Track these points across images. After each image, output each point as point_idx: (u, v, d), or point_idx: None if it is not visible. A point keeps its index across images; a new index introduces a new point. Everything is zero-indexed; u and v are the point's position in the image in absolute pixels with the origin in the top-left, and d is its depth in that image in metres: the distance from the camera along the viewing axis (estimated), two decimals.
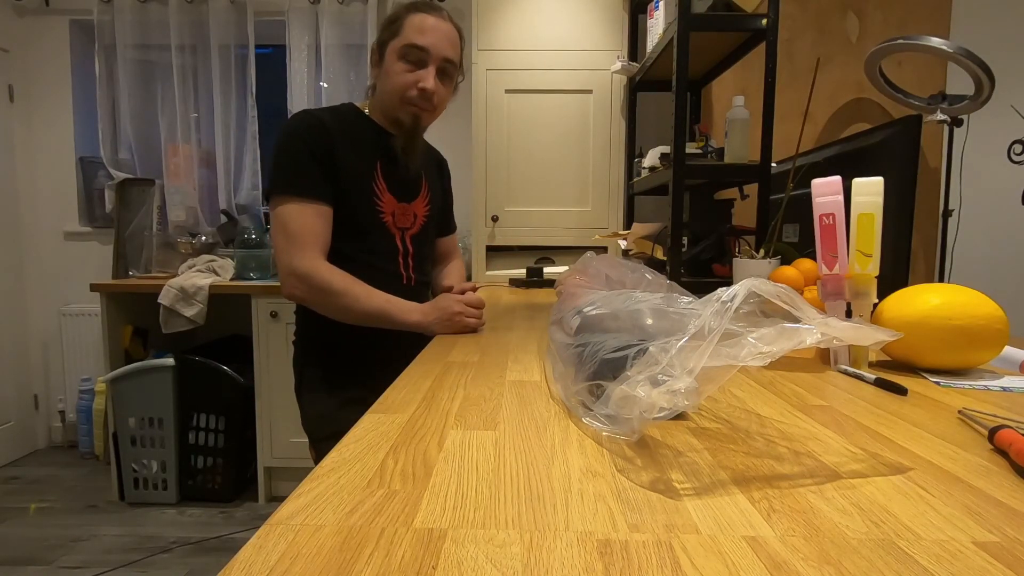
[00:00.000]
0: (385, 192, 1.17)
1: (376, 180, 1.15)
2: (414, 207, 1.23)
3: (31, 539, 2.08)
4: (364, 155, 1.14)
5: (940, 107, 1.62)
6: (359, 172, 1.13)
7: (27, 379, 2.87)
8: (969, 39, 1.67)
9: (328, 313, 1.11)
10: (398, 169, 1.18)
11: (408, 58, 1.09)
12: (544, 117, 2.30)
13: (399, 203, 1.19)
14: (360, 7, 2.69)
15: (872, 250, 0.72)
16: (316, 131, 1.09)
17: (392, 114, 1.15)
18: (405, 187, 1.21)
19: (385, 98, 1.14)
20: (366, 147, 1.15)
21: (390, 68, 1.11)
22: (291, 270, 1.07)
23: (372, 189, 1.15)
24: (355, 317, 1.10)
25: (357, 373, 1.18)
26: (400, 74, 1.10)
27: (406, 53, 1.09)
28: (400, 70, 1.10)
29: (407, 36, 1.09)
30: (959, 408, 0.58)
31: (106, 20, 2.72)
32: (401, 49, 1.09)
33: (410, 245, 1.22)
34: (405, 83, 1.10)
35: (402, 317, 1.09)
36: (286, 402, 2.32)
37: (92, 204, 2.93)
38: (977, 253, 1.85)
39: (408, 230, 1.22)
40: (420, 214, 1.24)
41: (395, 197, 1.19)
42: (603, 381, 0.53)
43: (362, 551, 0.32)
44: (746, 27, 1.48)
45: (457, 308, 1.06)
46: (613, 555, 0.32)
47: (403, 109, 1.13)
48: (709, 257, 1.57)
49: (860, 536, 0.34)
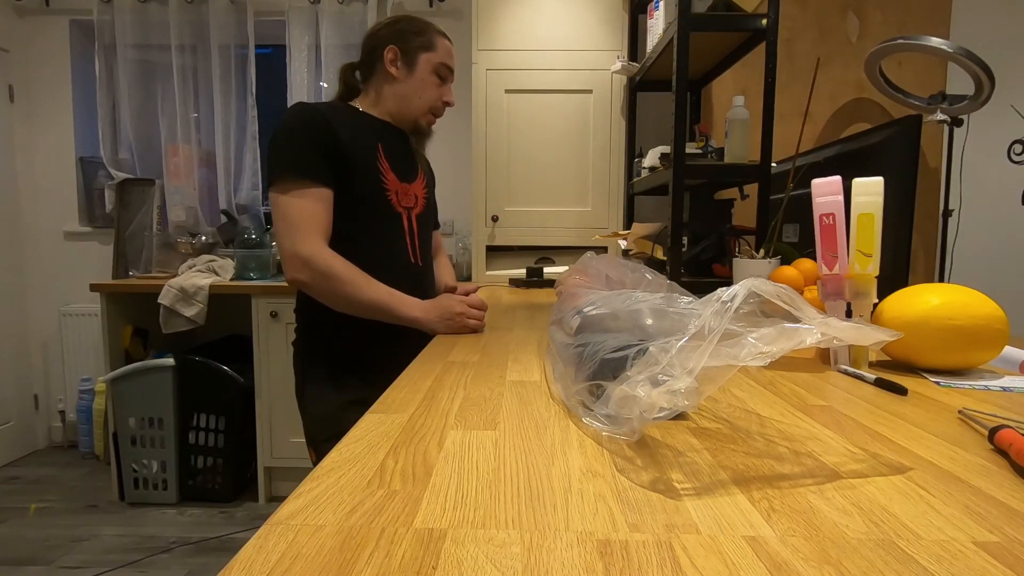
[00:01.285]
0: (388, 171, 1.19)
1: (379, 158, 1.18)
2: (414, 188, 1.26)
3: (31, 539, 2.08)
4: (365, 136, 1.17)
5: (940, 107, 1.62)
6: (362, 149, 1.15)
7: (27, 379, 2.87)
8: (969, 39, 1.67)
9: (329, 301, 1.11)
10: (398, 151, 1.23)
11: (439, 74, 1.22)
12: (544, 117, 2.30)
13: (401, 183, 1.22)
14: (360, 7, 2.69)
15: (872, 250, 0.72)
16: (316, 118, 1.11)
17: (413, 118, 1.23)
18: (406, 169, 1.24)
19: (413, 103, 1.22)
20: (366, 131, 1.18)
21: (426, 79, 1.21)
22: (294, 253, 1.07)
23: (376, 167, 1.17)
24: (356, 307, 1.10)
25: (361, 371, 1.18)
26: (434, 87, 1.22)
27: (439, 70, 1.22)
28: (434, 83, 1.22)
29: (442, 55, 1.22)
30: (959, 408, 0.58)
31: (106, 20, 2.72)
32: (437, 65, 1.22)
33: (415, 225, 1.24)
34: (437, 96, 1.23)
35: (403, 311, 1.09)
36: (286, 402, 2.32)
37: (92, 204, 2.93)
38: (977, 253, 1.85)
39: (412, 209, 1.24)
40: (420, 195, 1.27)
41: (397, 176, 1.21)
42: (603, 381, 0.53)
43: (362, 551, 0.32)
44: (746, 27, 1.48)
45: (459, 308, 1.07)
46: (613, 555, 0.32)
47: (426, 117, 1.24)
48: (709, 257, 1.57)
49: (860, 536, 0.34)
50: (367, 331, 1.13)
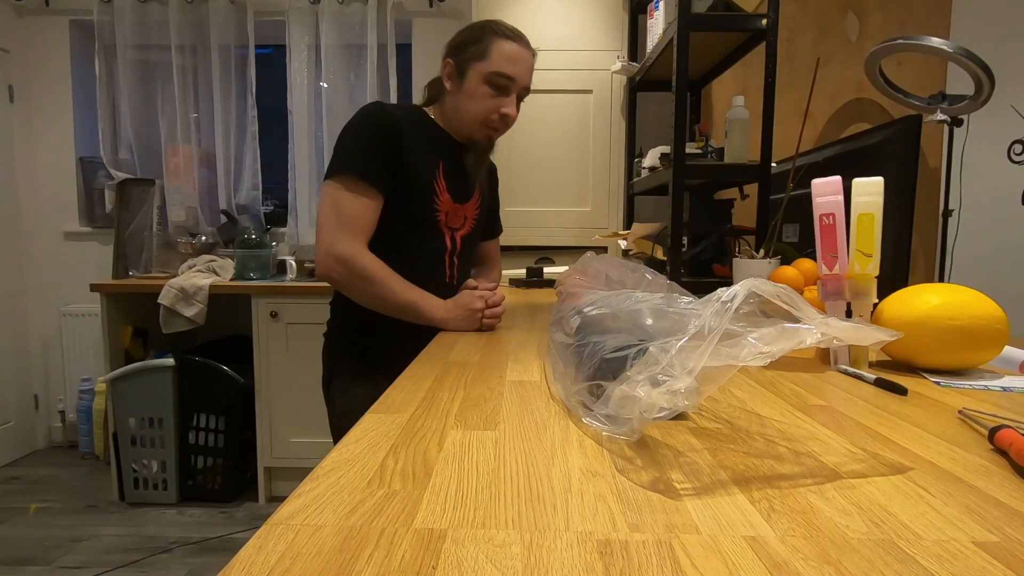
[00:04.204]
0: (444, 191, 1.18)
1: (437, 179, 1.17)
2: (466, 209, 1.25)
3: (31, 539, 2.08)
4: (429, 152, 1.16)
5: (940, 107, 1.62)
6: (423, 167, 1.15)
7: (27, 379, 2.87)
8: (969, 39, 1.67)
9: (358, 299, 1.12)
10: (458, 172, 1.21)
11: (493, 84, 1.13)
12: (544, 117, 2.30)
13: (454, 203, 1.21)
14: (360, 7, 2.69)
15: (872, 250, 0.72)
16: (387, 121, 1.10)
17: (467, 132, 1.18)
18: (462, 190, 1.22)
19: (463, 116, 1.17)
20: (431, 146, 1.17)
21: (475, 90, 1.14)
22: (332, 251, 1.07)
23: (433, 187, 1.16)
24: (384, 307, 1.10)
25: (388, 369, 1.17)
26: (485, 98, 1.14)
27: (492, 79, 1.12)
28: (485, 94, 1.13)
29: (495, 63, 1.12)
30: (959, 408, 0.58)
31: (106, 20, 2.72)
32: (488, 75, 1.12)
33: (459, 245, 1.24)
34: (489, 108, 1.14)
35: (429, 313, 1.10)
36: (286, 402, 2.32)
37: (92, 204, 2.93)
38: (977, 253, 1.85)
39: (458, 230, 1.24)
40: (471, 217, 1.26)
41: (451, 197, 1.20)
42: (603, 381, 0.53)
43: (362, 551, 0.32)
44: (746, 27, 1.48)
45: (478, 305, 1.07)
46: (613, 555, 0.32)
47: (481, 131, 1.17)
48: (709, 257, 1.57)
49: (860, 536, 0.34)
50: (398, 330, 1.14)
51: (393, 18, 2.70)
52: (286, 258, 2.55)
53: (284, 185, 2.80)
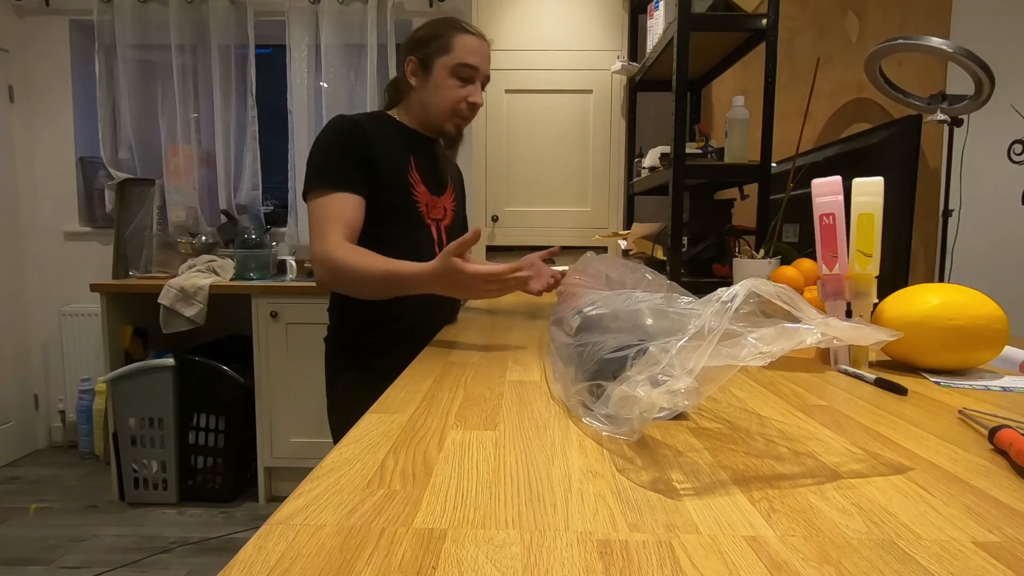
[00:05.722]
0: (419, 184, 1.21)
1: (411, 172, 1.20)
2: (443, 201, 1.28)
3: (31, 539, 2.08)
4: (399, 150, 1.20)
5: (940, 107, 1.62)
6: (395, 163, 1.17)
7: (27, 379, 2.87)
8: (969, 39, 1.67)
9: (353, 292, 1.11)
10: (430, 166, 1.24)
11: (459, 75, 1.19)
12: (544, 117, 2.30)
13: (431, 196, 1.24)
14: (360, 7, 2.69)
15: (872, 250, 0.72)
16: (351, 130, 1.13)
17: (438, 124, 1.22)
18: (436, 182, 1.26)
19: (433, 109, 1.20)
20: (400, 144, 1.20)
21: (442, 82, 1.18)
22: (313, 255, 1.09)
23: (407, 180, 1.19)
24: (372, 289, 1.07)
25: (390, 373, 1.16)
26: (453, 89, 1.19)
27: (458, 71, 1.18)
28: (452, 85, 1.19)
29: (459, 55, 1.18)
30: (959, 408, 0.58)
31: (106, 20, 2.72)
32: (454, 67, 1.18)
33: (444, 236, 1.26)
34: (457, 97, 1.19)
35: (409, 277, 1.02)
36: (286, 402, 2.32)
37: (92, 204, 2.93)
38: (977, 253, 1.85)
39: (441, 221, 1.26)
40: (449, 208, 1.29)
41: (428, 189, 1.23)
42: (603, 381, 0.53)
43: (362, 551, 0.32)
44: (746, 27, 1.48)
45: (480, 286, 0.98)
46: (613, 555, 0.32)
47: (451, 121, 1.22)
48: (709, 257, 1.57)
49: (860, 536, 0.34)
50: (397, 334, 1.15)
51: (393, 18, 2.70)
52: (286, 258, 2.55)
53: (284, 185, 2.80)
